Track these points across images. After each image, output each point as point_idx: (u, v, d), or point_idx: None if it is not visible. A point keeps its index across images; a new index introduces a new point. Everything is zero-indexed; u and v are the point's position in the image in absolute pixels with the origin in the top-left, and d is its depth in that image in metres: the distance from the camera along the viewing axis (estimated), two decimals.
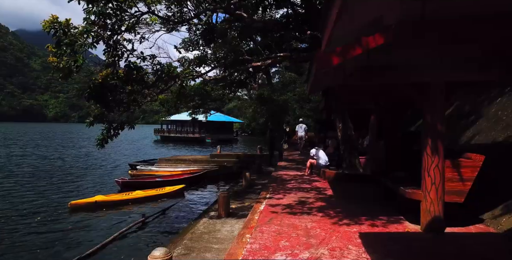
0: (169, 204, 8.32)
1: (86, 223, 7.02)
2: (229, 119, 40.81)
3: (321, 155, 7.91)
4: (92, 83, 5.67)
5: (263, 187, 6.87)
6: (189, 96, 9.97)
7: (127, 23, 6.07)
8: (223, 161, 13.86)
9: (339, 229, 3.66)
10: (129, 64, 5.90)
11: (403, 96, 5.74)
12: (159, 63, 6.38)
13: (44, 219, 7.16)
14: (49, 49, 5.19)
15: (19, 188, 10.50)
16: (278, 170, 9.24)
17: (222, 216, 4.80)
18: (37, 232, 6.36)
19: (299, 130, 14.69)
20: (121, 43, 5.79)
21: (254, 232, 3.60)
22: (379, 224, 3.85)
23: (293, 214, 4.34)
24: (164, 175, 11.73)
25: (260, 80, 24.45)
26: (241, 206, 5.45)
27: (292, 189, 6.20)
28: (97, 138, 6.01)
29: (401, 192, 3.86)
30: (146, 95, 7.14)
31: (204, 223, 4.57)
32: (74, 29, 5.14)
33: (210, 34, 8.73)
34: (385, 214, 4.24)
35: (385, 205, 4.84)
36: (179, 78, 6.25)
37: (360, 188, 6.36)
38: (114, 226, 6.72)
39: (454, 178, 3.59)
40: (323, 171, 7.54)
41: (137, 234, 6.28)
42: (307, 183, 6.93)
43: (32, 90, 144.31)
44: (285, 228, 3.73)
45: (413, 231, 3.60)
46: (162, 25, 9.92)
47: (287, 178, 7.70)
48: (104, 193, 9.73)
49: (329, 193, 5.96)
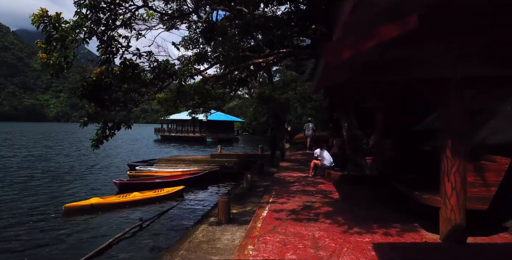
0: (167, 207, 8.04)
1: (80, 227, 6.73)
2: (229, 118, 40.53)
3: (325, 155, 7.59)
4: (85, 81, 5.38)
5: (265, 190, 6.56)
6: (189, 95, 9.68)
7: (122, 18, 5.78)
8: (223, 161, 13.58)
9: (350, 239, 3.35)
10: (124, 61, 5.61)
11: (415, 93, 5.43)
12: (156, 60, 6.08)
13: (36, 223, 6.86)
14: (38, 45, 4.91)
15: (12, 189, 10.19)
16: (281, 171, 8.92)
17: (222, 223, 4.49)
18: (27, 237, 6.06)
19: (307, 129, 14.42)
20: (116, 39, 5.50)
21: (257, 242, 3.30)
22: (394, 233, 3.54)
23: (299, 221, 4.03)
24: (163, 176, 11.44)
25: (261, 79, 24.18)
26: (242, 211, 5.13)
27: (296, 192, 5.88)
28: (92, 138, 5.73)
29: (417, 197, 3.54)
30: (144, 94, 6.86)
31: (203, 230, 4.27)
32: (65, 23, 4.85)
33: (210, 32, 8.48)
34: (398, 221, 3.93)
35: (396, 209, 4.53)
36: (176, 76, 5.94)
37: (368, 191, 6.05)
38: (110, 231, 6.43)
39: (476, 183, 3.27)
40: (328, 173, 7.23)
41: (134, 239, 5.99)
42: (311, 186, 6.61)
43: (33, 89, 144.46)
44: (291, 238, 3.42)
45: (432, 242, 3.29)
46: (161, 23, 9.65)
47: (290, 180, 7.39)
48: (102, 194, 9.45)
49: (336, 196, 5.65)
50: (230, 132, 39.72)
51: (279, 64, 20.86)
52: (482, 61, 3.29)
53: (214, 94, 11.06)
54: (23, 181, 11.46)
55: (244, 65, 6.97)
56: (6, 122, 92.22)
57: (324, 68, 3.47)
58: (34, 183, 11.33)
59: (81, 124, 5.77)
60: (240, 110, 39.85)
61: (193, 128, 37.27)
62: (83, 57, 5.31)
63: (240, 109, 38.28)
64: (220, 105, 24.32)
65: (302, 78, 28.14)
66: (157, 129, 39.67)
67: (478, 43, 3.27)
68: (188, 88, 8.97)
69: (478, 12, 2.96)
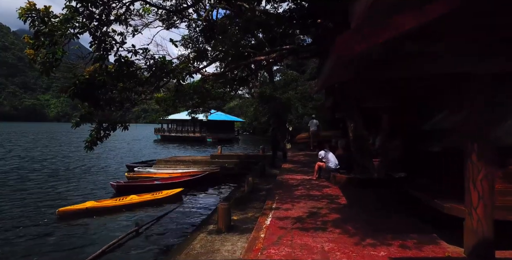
0: (165, 211, 7.72)
1: (74, 233, 6.41)
2: (230, 118, 40.23)
3: (330, 157, 7.25)
4: (77, 79, 5.07)
5: (267, 193, 6.24)
6: (188, 95, 9.37)
7: (116, 13, 5.47)
8: (224, 162, 13.28)
9: (364, 253, 3.02)
10: (119, 59, 5.29)
11: (425, 92, 5.09)
12: (152, 57, 5.76)
13: (26, 229, 6.51)
14: (26, 40, 4.60)
15: (3, 192, 9.86)
16: (283, 173, 8.58)
17: (222, 231, 4.17)
18: (16, 244, 5.73)
19: (311, 125, 14.09)
20: (110, 35, 5.18)
21: (260, 256, 2.97)
22: (411, 245, 3.20)
23: (306, 231, 3.70)
24: (162, 178, 11.13)
25: (261, 79, 23.86)
26: (243, 217, 4.80)
27: (300, 197, 5.54)
28: (86, 140, 5.41)
29: (437, 206, 3.21)
30: (141, 93, 6.55)
31: (201, 240, 3.94)
32: (54, 18, 4.55)
33: (210, 31, 8.22)
34: (414, 230, 3.60)
35: (409, 215, 4.19)
36: (174, 74, 5.62)
37: (376, 195, 5.72)
38: (105, 237, 6.12)
39: (506, 191, 2.94)
40: (333, 176, 6.89)
41: (129, 246, 5.67)
42: (316, 189, 6.28)
43: (33, 89, 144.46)
44: (298, 251, 3.09)
45: (456, 256, 2.95)
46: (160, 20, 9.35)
47: (294, 183, 7.05)
48: (98, 197, 9.14)
49: (343, 201, 5.31)
50: (231, 132, 39.43)
51: (280, 63, 20.59)
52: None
53: (214, 93, 10.74)
54: (15, 184, 11.09)
55: (245, 62, 6.64)
56: (7, 122, 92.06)
57: (334, 62, 3.13)
58: (27, 185, 10.97)
59: (73, 125, 5.45)
60: (241, 110, 39.57)
61: (193, 128, 37.02)
62: (73, 54, 4.99)
63: (241, 109, 38.01)
64: (220, 105, 23.97)
65: (303, 77, 27.86)
66: (157, 129, 39.42)
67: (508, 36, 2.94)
68: (187, 87, 8.67)
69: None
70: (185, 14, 9.38)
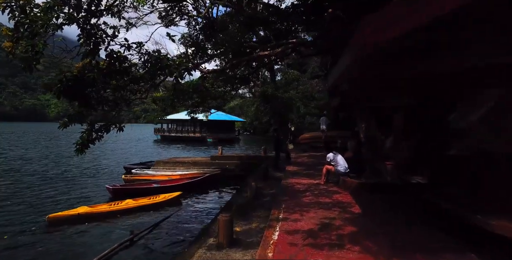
0: (163, 217, 7.24)
1: (64, 242, 5.94)
2: (230, 118, 39.75)
3: (339, 160, 6.75)
4: (64, 76, 4.59)
5: (272, 200, 5.74)
6: (187, 93, 8.90)
7: (106, 3, 4.98)
8: (224, 163, 12.82)
9: None
10: (111, 53, 4.82)
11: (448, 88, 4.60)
12: (147, 52, 5.27)
13: (13, 237, 6.04)
14: (4, 32, 4.13)
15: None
16: (288, 177, 8.08)
17: (223, 246, 3.68)
18: (1, 253, 5.28)
19: (322, 122, 13.73)
20: (100, 28, 4.69)
21: None
22: None
23: (320, 249, 3.20)
24: (160, 180, 10.66)
25: (262, 79, 23.37)
26: (247, 228, 4.31)
27: (309, 205, 5.04)
28: (76, 142, 4.93)
29: (480, 223, 2.71)
30: (136, 91, 6.07)
31: (199, 257, 3.46)
32: (36, 7, 4.08)
33: (210, 28, 7.79)
34: (446, 248, 3.10)
35: (435, 227, 3.69)
36: (170, 70, 5.13)
37: (391, 202, 5.23)
38: (98, 245, 5.67)
39: None
40: (343, 181, 6.40)
41: (122, 258, 5.20)
42: (326, 196, 5.77)
43: (33, 90, 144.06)
44: None
45: None
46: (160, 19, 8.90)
47: (300, 188, 6.54)
48: (92, 202, 8.67)
49: (356, 210, 4.81)
50: (231, 132, 38.95)
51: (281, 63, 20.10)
52: None
53: (214, 92, 10.26)
54: (4, 188, 10.53)
55: (247, 58, 6.15)
56: (7, 122, 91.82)
57: (355, 54, 2.65)
58: (18, 188, 10.46)
59: (60, 126, 4.96)
60: (241, 110, 39.03)
61: (193, 128, 36.59)
62: (57, 47, 4.50)
63: (241, 108, 37.47)
64: (220, 104, 23.50)
65: (304, 77, 27.35)
66: (156, 129, 38.97)
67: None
68: (186, 86, 8.20)
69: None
70: (185, 11, 8.95)
